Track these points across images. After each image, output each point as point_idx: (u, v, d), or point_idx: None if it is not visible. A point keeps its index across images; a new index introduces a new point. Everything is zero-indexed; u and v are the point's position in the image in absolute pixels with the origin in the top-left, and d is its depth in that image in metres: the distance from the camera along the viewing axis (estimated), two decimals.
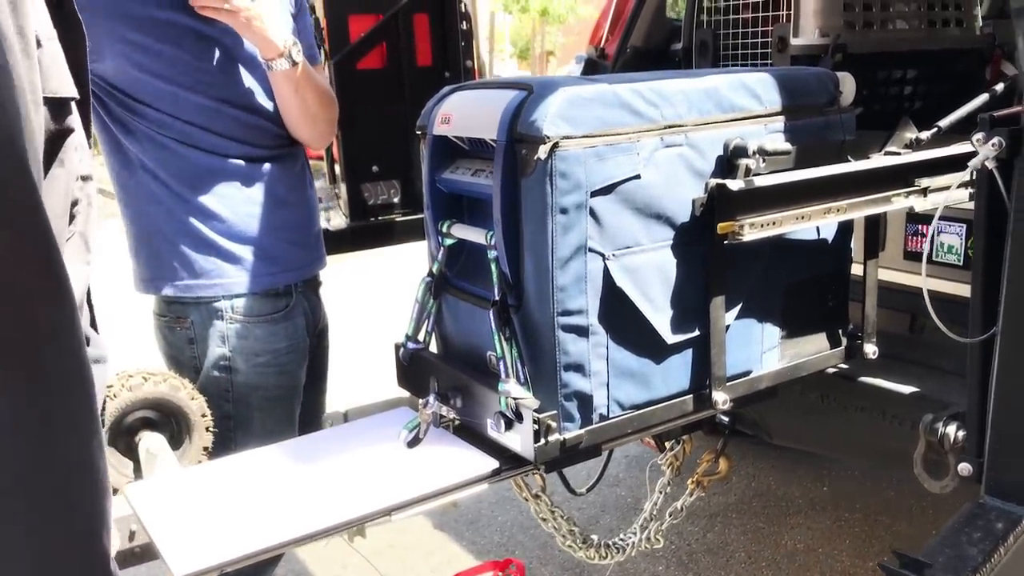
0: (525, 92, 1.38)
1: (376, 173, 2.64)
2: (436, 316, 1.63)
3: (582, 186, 1.34)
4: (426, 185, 1.59)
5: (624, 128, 1.38)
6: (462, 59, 2.75)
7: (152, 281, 1.75)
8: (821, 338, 1.72)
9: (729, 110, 1.49)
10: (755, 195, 1.44)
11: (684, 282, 1.47)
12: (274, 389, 1.80)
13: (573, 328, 1.38)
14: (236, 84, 1.71)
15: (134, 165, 1.69)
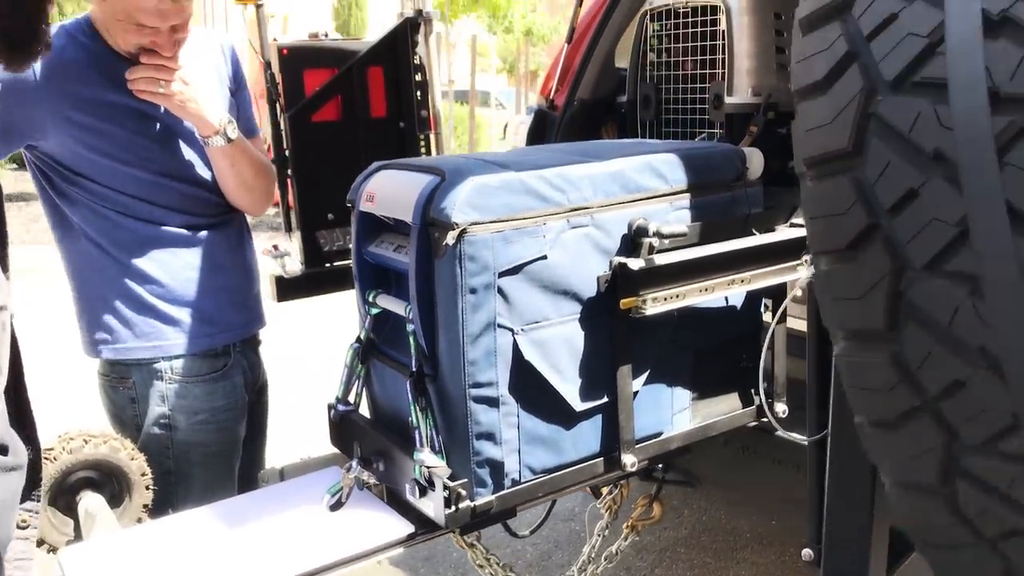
0: (439, 178, 1.47)
1: (331, 220, 2.73)
2: (366, 378, 1.72)
3: (490, 268, 1.43)
4: (354, 256, 1.67)
5: (530, 212, 1.47)
6: (417, 110, 2.84)
7: (95, 344, 1.83)
8: (733, 398, 1.81)
9: (634, 191, 1.58)
10: (657, 272, 1.53)
11: (591, 352, 1.55)
12: (213, 445, 1.88)
13: (484, 399, 1.47)
14: (176, 158, 1.80)
15: (77, 234, 1.78)
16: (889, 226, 0.78)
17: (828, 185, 0.83)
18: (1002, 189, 0.70)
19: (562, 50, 2.89)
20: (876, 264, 0.79)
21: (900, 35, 0.78)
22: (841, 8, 0.83)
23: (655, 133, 2.71)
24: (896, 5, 0.79)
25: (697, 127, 2.60)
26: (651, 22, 2.68)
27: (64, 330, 2.23)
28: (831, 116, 0.81)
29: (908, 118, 0.76)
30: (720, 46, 2.47)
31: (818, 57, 0.83)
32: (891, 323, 0.79)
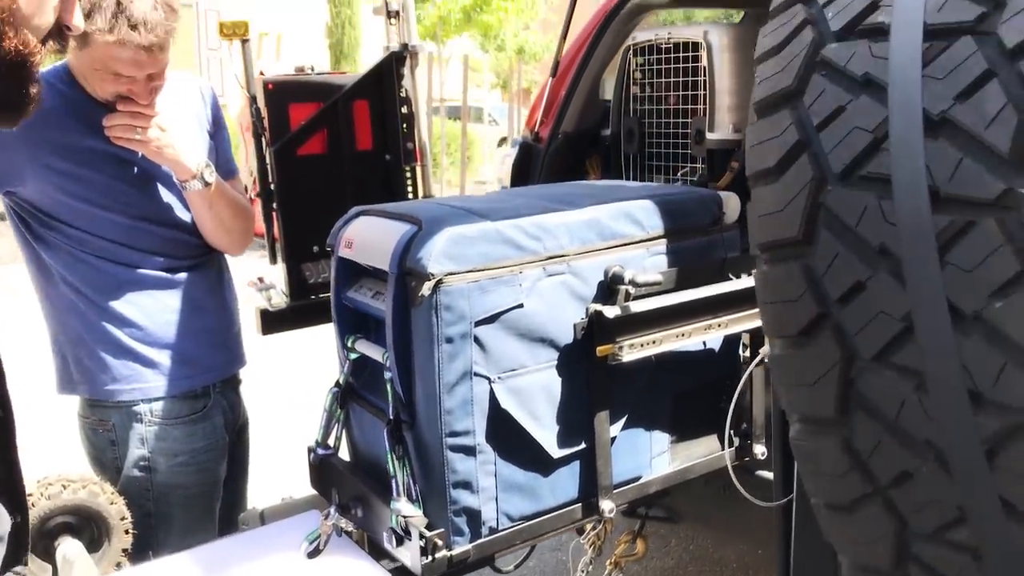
0: (415, 228, 1.48)
1: (316, 253, 2.73)
2: (345, 422, 1.72)
3: (466, 317, 1.44)
4: (333, 301, 1.68)
5: (507, 261, 1.48)
6: (402, 142, 2.86)
7: (73, 385, 1.83)
8: (712, 440, 1.82)
9: (610, 238, 1.59)
10: (633, 319, 1.54)
11: (569, 399, 1.56)
12: (194, 487, 1.88)
13: (461, 448, 1.47)
14: (153, 201, 1.81)
15: (54, 278, 1.78)
16: (839, 316, 0.79)
17: (780, 271, 0.84)
18: (944, 287, 0.71)
19: (547, 83, 2.91)
20: (827, 352, 0.80)
21: (847, 128, 0.79)
22: (792, 96, 0.84)
23: (638, 166, 2.73)
24: (844, 97, 0.80)
25: (679, 161, 2.62)
26: (634, 56, 2.71)
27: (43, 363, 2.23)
28: (782, 204, 0.82)
29: (855, 211, 0.77)
30: (702, 82, 2.49)
31: (770, 144, 0.84)
32: (842, 410, 0.80)
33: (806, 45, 0.84)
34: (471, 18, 10.92)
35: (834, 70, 0.81)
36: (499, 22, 11.49)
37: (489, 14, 10.95)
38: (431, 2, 11.15)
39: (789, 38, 0.86)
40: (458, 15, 10.83)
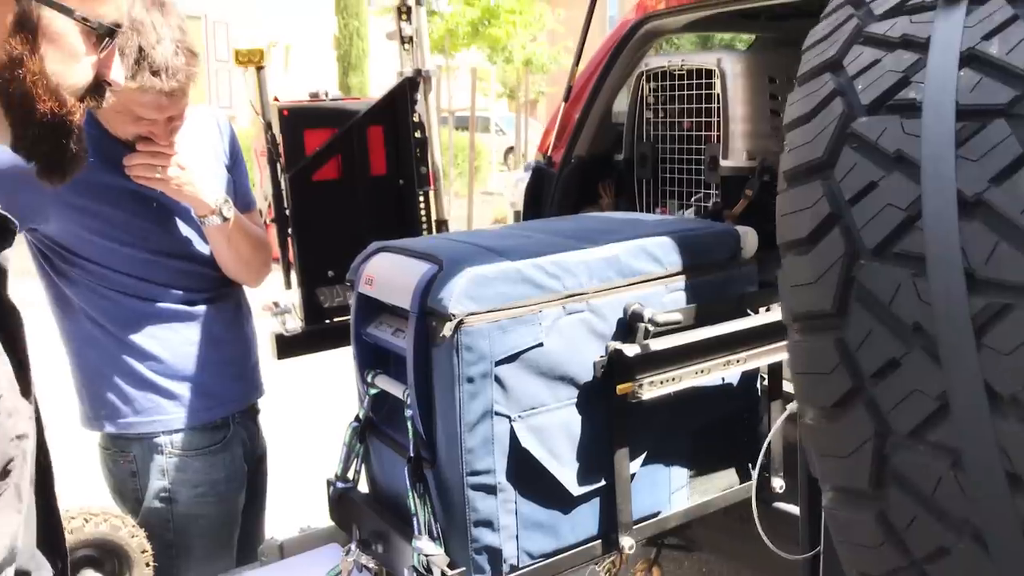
0: (436, 267, 1.49)
1: (331, 277, 2.75)
2: (364, 456, 1.73)
3: (487, 357, 1.45)
4: (353, 337, 1.69)
5: (527, 301, 1.48)
6: (416, 166, 2.87)
7: (96, 419, 1.84)
8: (731, 473, 1.82)
9: (629, 275, 1.60)
10: (653, 357, 1.54)
11: (588, 436, 1.56)
12: (213, 517, 1.89)
13: (482, 487, 1.48)
14: (173, 236, 1.82)
15: (76, 312, 1.80)
16: (873, 391, 0.80)
17: (813, 343, 0.84)
18: (980, 369, 0.71)
19: (559, 108, 2.92)
20: (860, 426, 0.80)
21: (880, 204, 0.79)
22: (823, 167, 0.85)
23: (652, 191, 2.74)
24: (876, 173, 0.81)
25: (693, 187, 2.63)
26: (647, 82, 2.72)
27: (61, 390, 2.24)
28: (815, 276, 0.83)
29: (889, 287, 0.78)
30: (715, 109, 2.50)
31: (802, 214, 0.85)
32: (877, 484, 0.80)
33: (836, 117, 0.85)
34: (479, 31, 10.96)
35: (866, 144, 0.82)
36: (507, 35, 11.53)
37: (497, 27, 10.99)
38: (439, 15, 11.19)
39: (818, 108, 0.87)
40: (466, 28, 10.87)
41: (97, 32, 0.85)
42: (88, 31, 0.84)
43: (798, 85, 0.92)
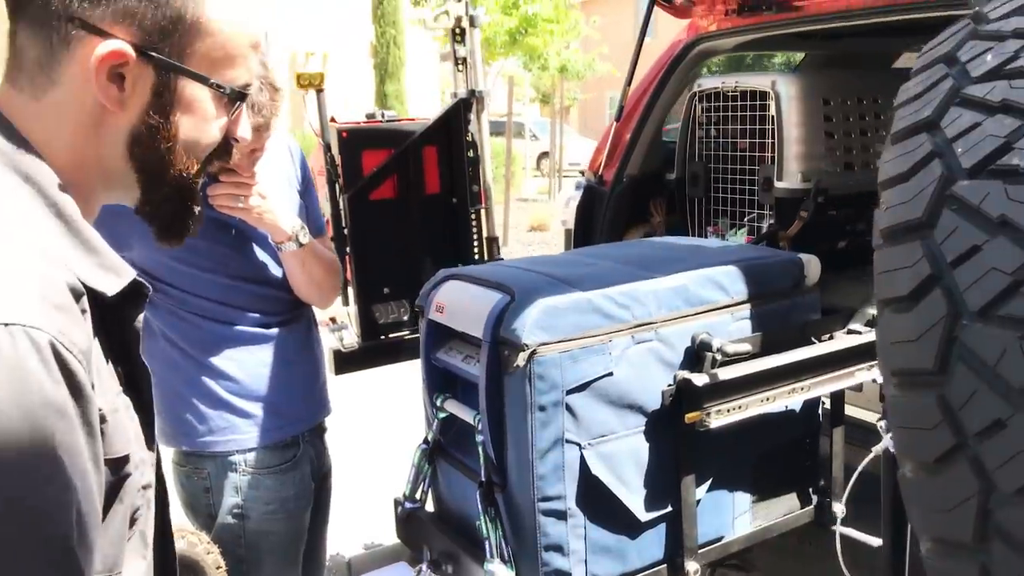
0: (509, 298, 1.53)
1: (387, 294, 2.80)
2: (432, 478, 1.77)
3: (558, 386, 1.48)
4: (423, 361, 1.74)
5: (597, 331, 1.52)
6: (468, 185, 2.92)
7: (173, 437, 1.90)
8: (792, 498, 1.83)
9: (697, 304, 1.62)
10: (720, 386, 1.57)
11: (656, 463, 1.59)
12: (283, 534, 1.95)
13: (552, 512, 1.51)
14: (250, 262, 1.88)
15: (156, 334, 1.86)
16: (977, 449, 0.82)
17: (913, 399, 0.86)
18: None
19: (611, 127, 2.95)
20: (964, 483, 0.82)
21: (984, 268, 0.81)
22: (922, 228, 0.87)
23: (704, 211, 2.76)
24: (979, 236, 0.83)
25: (746, 207, 2.64)
26: (699, 103, 2.74)
27: None
28: (916, 334, 0.85)
29: (995, 349, 0.80)
30: (769, 130, 2.51)
31: (902, 273, 0.87)
32: (980, 538, 0.82)
33: (935, 179, 0.87)
34: (516, 40, 11.01)
35: (967, 208, 0.84)
36: (544, 44, 11.56)
37: (535, 36, 11.03)
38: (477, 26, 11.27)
39: (916, 168, 0.89)
40: (504, 38, 10.93)
41: (229, 96, 0.89)
42: (220, 95, 0.88)
43: (892, 143, 0.95)
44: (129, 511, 0.86)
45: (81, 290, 0.78)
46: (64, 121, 0.83)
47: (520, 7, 10.86)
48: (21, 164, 0.80)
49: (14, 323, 0.69)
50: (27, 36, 0.81)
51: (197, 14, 0.83)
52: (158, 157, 0.87)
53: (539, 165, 20.99)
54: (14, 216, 0.77)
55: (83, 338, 0.75)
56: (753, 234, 2.62)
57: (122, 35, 0.80)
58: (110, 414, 0.80)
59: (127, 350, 0.89)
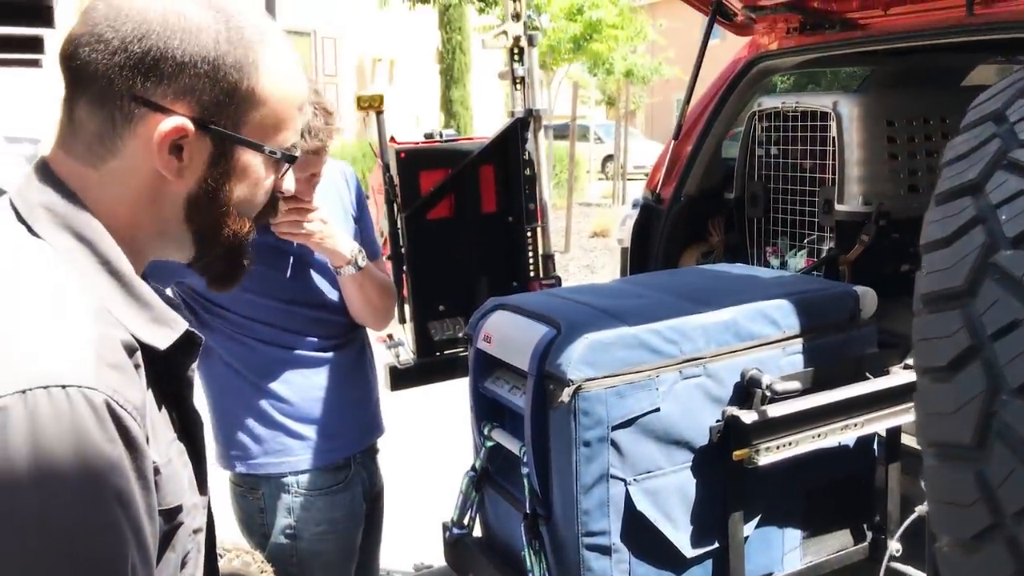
0: (555, 331, 1.53)
1: (442, 311, 2.82)
2: (479, 503, 1.79)
3: (603, 422, 1.48)
4: (471, 390, 1.75)
5: (644, 366, 1.51)
6: (525, 203, 2.92)
7: (229, 458, 1.95)
8: (845, 534, 1.79)
9: (747, 339, 1.60)
10: (769, 423, 1.55)
11: (703, 500, 1.58)
12: (333, 554, 1.98)
13: (596, 547, 1.51)
14: (306, 286, 1.92)
15: (214, 358, 1.91)
16: (1014, 530, 0.79)
17: (950, 472, 0.84)
18: None
19: (669, 145, 2.92)
20: (1000, 560, 0.80)
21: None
22: (962, 296, 0.84)
23: (763, 231, 2.72)
24: (1021, 311, 0.80)
25: (806, 228, 2.59)
26: (759, 122, 2.70)
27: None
28: (953, 407, 0.83)
29: None
30: (830, 152, 2.46)
31: (941, 342, 0.85)
32: None
33: (977, 246, 0.84)
34: (581, 46, 10.98)
35: (1010, 279, 0.81)
36: (608, 50, 11.51)
37: (599, 42, 10.98)
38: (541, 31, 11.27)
39: (958, 233, 0.87)
40: (568, 44, 10.90)
41: (280, 159, 0.92)
42: (271, 159, 0.91)
43: (935, 204, 0.92)
44: (180, 556, 0.89)
45: (135, 345, 0.81)
46: (123, 188, 0.86)
47: (584, 13, 10.82)
48: (75, 223, 0.84)
49: (71, 385, 0.72)
50: (87, 111, 0.84)
51: (250, 85, 0.86)
52: (213, 220, 0.90)
53: (604, 168, 20.89)
54: (70, 277, 0.80)
55: (137, 394, 0.78)
56: (813, 256, 2.57)
57: (182, 111, 0.83)
58: (164, 466, 0.83)
59: (180, 398, 0.92)
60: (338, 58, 16.71)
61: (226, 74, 0.84)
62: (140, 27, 0.81)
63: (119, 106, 0.83)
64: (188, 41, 0.82)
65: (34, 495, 0.70)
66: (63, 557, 0.71)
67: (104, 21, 0.82)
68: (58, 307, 0.77)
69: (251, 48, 0.86)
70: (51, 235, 0.83)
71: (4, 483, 0.70)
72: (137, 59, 0.82)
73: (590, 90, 17.21)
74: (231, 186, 0.89)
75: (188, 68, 0.83)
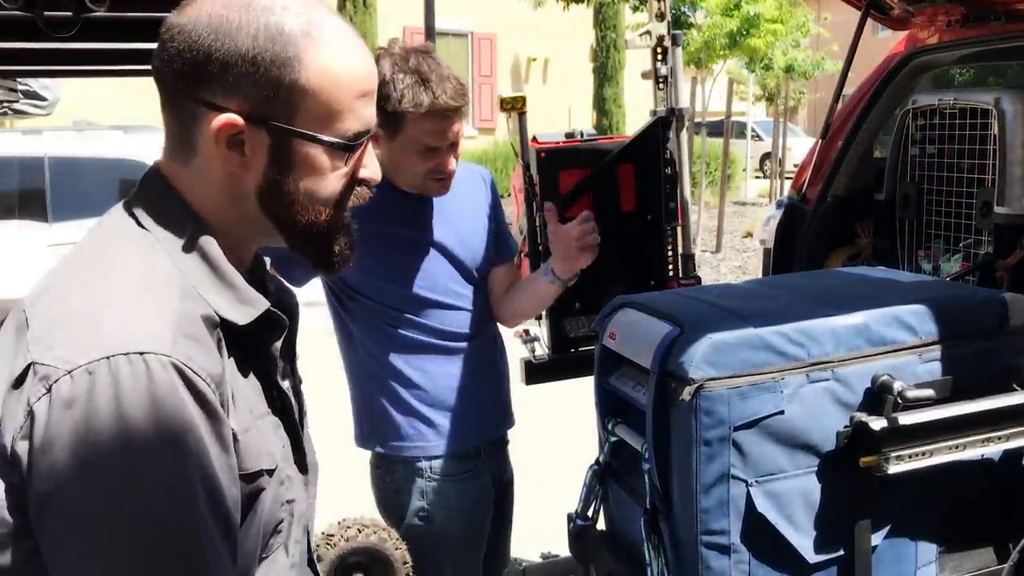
0: (678, 330, 1.54)
1: (578, 309, 2.87)
2: (603, 497, 1.82)
3: (725, 422, 1.48)
4: (596, 385, 1.79)
5: (768, 368, 1.50)
6: (665, 202, 2.92)
7: (367, 440, 2.08)
8: (987, 553, 1.71)
9: (879, 344, 1.56)
10: (901, 431, 1.50)
11: (828, 506, 1.55)
12: (463, 539, 2.07)
13: (715, 546, 1.51)
14: (441, 280, 2.02)
15: (355, 343, 2.04)
16: None
17: None
18: None
19: (816, 144, 2.84)
20: None
21: None
22: None
23: (915, 234, 2.60)
24: None
25: (961, 232, 2.46)
26: (913, 120, 2.58)
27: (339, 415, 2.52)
28: None
29: None
30: (990, 151, 2.33)
31: None
32: None
33: None
34: (737, 42, 10.71)
35: None
36: (766, 45, 11.15)
37: (757, 37, 10.67)
38: (696, 28, 11.09)
39: None
40: (724, 40, 10.66)
41: (340, 148, 0.95)
42: (332, 149, 0.95)
43: None
44: (270, 522, 0.97)
45: (216, 320, 0.89)
46: (206, 183, 0.95)
47: (742, 8, 10.55)
48: (172, 216, 0.94)
49: (148, 352, 0.81)
50: (170, 115, 0.95)
51: (295, 79, 0.90)
52: (285, 210, 0.96)
53: (762, 167, 20.27)
54: (164, 261, 0.91)
55: (212, 363, 0.86)
56: (968, 261, 2.43)
57: (233, 107, 0.90)
58: (242, 433, 0.90)
59: (269, 375, 0.99)
60: (494, 59, 17.05)
61: (267, 70, 0.89)
62: (191, 34, 0.89)
63: (186, 108, 0.92)
64: (228, 42, 0.89)
65: (117, 453, 0.78)
66: (140, 510, 0.79)
67: (166, 33, 0.91)
68: (148, 285, 0.87)
69: (291, 43, 0.90)
70: (152, 225, 0.93)
71: (90, 443, 0.78)
72: (190, 63, 0.89)
73: (749, 86, 16.76)
74: (295, 177, 0.94)
75: (231, 67, 0.89)
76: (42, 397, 0.79)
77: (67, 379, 0.79)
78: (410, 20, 12.40)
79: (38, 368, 0.81)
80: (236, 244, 0.99)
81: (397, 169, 1.95)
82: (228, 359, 0.91)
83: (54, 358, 0.81)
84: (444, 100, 1.85)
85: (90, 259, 0.92)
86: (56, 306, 0.87)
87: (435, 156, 1.91)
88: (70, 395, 0.79)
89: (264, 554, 0.98)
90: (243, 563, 0.92)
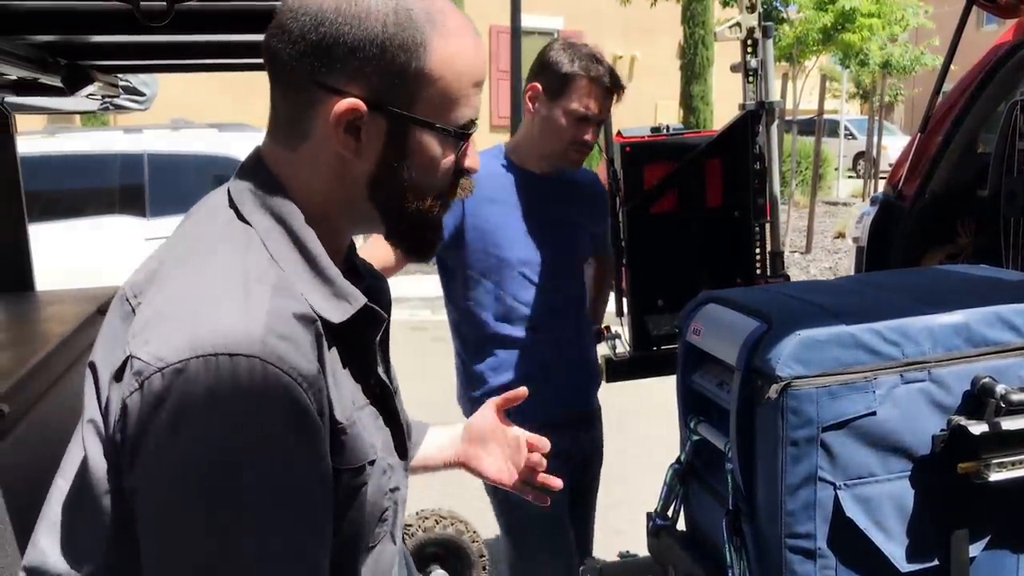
0: (765, 326, 1.50)
1: (661, 306, 2.82)
2: (684, 497, 1.78)
3: (813, 422, 1.43)
4: (678, 383, 1.75)
5: (860, 367, 1.44)
6: (753, 198, 2.84)
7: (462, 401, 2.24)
8: None
9: (980, 344, 1.48)
10: (1004, 436, 1.42)
11: (921, 513, 1.48)
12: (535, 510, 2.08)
13: (801, 550, 1.46)
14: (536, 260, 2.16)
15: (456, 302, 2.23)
16: None
17: None
18: None
19: (915, 138, 2.73)
20: None
21: None
22: None
23: (1020, 233, 2.47)
24: None
25: None
26: (1021, 113, 2.45)
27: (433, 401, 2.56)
28: None
29: None
30: None
31: None
32: None
33: None
34: (831, 37, 10.39)
35: None
36: (862, 40, 10.78)
37: (852, 32, 10.33)
38: (788, 23, 10.80)
39: None
40: (817, 35, 10.36)
41: (455, 136, 0.95)
42: (446, 136, 0.95)
43: None
44: (376, 512, 0.97)
45: (312, 317, 0.89)
46: (315, 169, 0.94)
47: (837, 2, 10.23)
48: (275, 206, 0.93)
49: (237, 353, 0.80)
50: (282, 98, 0.94)
51: (419, 66, 0.90)
52: (395, 197, 0.96)
53: (855, 166, 19.64)
54: (262, 256, 0.90)
55: (304, 362, 0.84)
56: None
57: (355, 92, 0.90)
58: (349, 427, 0.90)
59: (368, 368, 0.99)
60: None
61: (394, 56, 0.89)
62: (316, 16, 0.89)
63: (303, 91, 0.91)
64: (357, 26, 0.88)
65: (201, 452, 0.79)
66: (224, 508, 0.80)
67: (288, 13, 0.91)
68: (243, 284, 0.86)
69: (419, 29, 0.90)
70: (253, 217, 0.93)
71: (177, 440, 0.79)
72: (314, 46, 0.89)
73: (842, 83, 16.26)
74: (408, 164, 0.94)
75: (358, 52, 0.88)
76: (134, 392, 0.81)
77: (158, 376, 0.80)
78: (497, 19, 12.44)
79: (134, 362, 0.82)
80: (335, 232, 0.98)
81: (543, 133, 2.06)
82: (330, 351, 0.90)
83: (148, 354, 0.82)
84: (609, 78, 2.09)
85: (191, 253, 0.92)
86: (156, 300, 0.88)
87: (584, 128, 2.08)
88: (160, 392, 0.80)
89: (372, 543, 0.98)
90: (346, 553, 0.92)
